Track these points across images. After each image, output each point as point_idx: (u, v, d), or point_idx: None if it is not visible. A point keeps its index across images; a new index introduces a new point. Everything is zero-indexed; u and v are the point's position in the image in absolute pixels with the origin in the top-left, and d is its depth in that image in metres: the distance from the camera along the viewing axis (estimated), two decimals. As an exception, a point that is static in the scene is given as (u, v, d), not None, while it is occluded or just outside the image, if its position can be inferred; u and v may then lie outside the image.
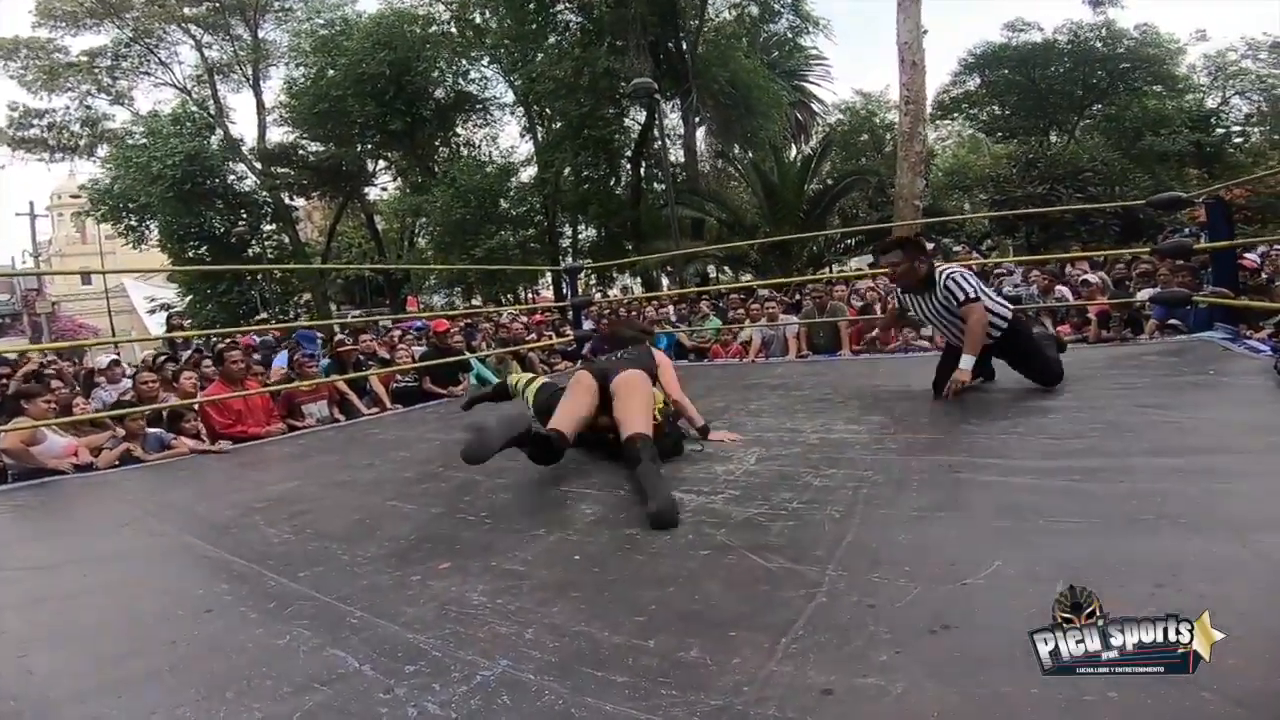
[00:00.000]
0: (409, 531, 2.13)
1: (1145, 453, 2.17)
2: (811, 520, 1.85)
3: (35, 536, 2.83)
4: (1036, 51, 19.52)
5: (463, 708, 1.15)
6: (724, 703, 1.08)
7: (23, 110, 18.64)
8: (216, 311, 18.05)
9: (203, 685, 1.30)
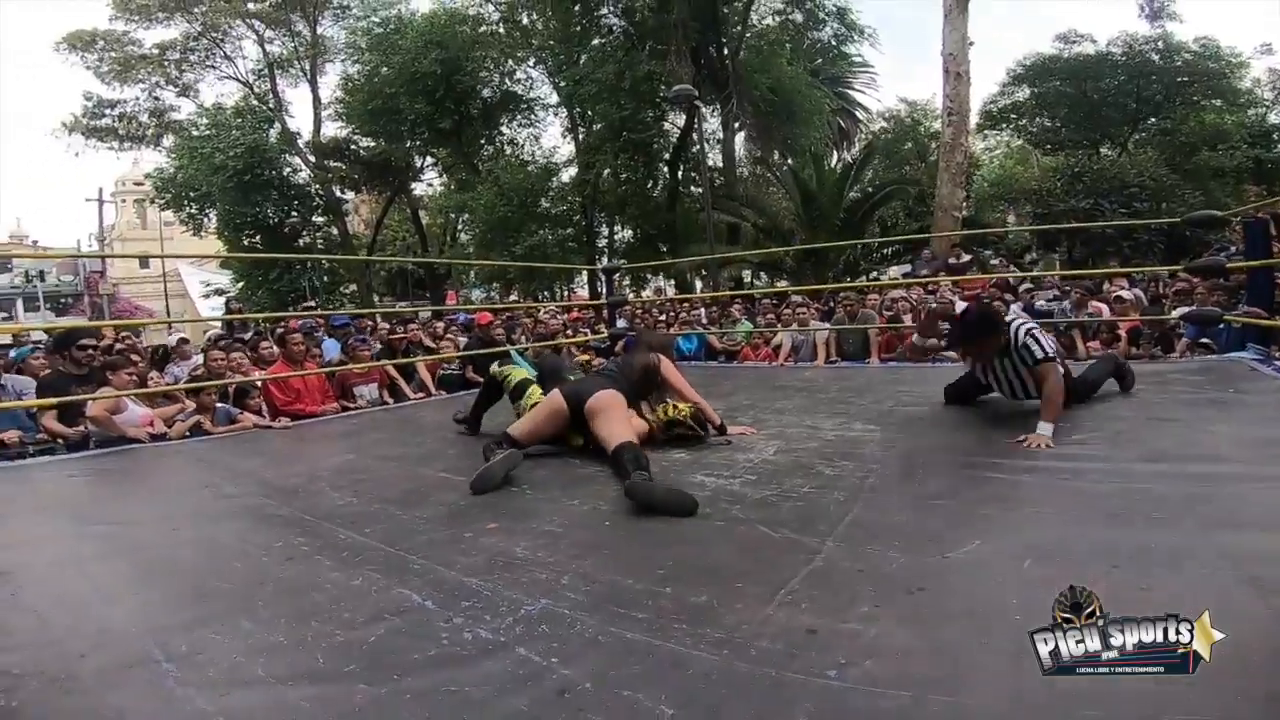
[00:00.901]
0: (458, 499, 2.38)
1: (1142, 459, 2.31)
2: (819, 502, 2.06)
3: (125, 496, 3.11)
4: (1089, 64, 19.14)
5: (510, 633, 1.39)
6: (726, 636, 1.30)
7: (96, 101, 19.52)
8: (267, 298, 18.77)
9: (291, 616, 1.53)
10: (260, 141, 18.19)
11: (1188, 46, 18.52)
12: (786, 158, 17.50)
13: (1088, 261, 14.30)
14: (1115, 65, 18.88)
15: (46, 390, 4.43)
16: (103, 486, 3.28)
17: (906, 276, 11.07)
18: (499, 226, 16.55)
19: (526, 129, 20.09)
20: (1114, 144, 20.13)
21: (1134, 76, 18.69)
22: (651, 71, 15.04)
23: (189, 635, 1.46)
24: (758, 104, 15.89)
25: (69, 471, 3.43)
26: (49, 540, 2.25)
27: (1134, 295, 6.01)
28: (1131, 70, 18.66)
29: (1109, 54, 18.98)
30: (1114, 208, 14.71)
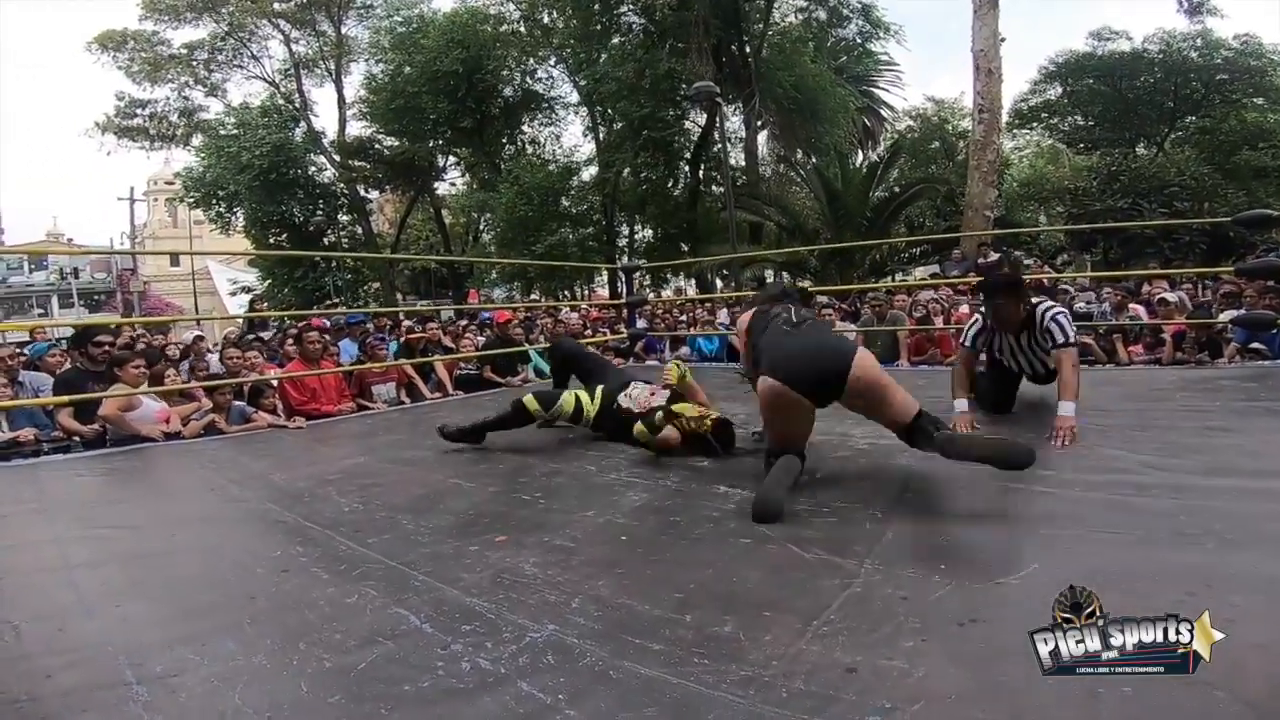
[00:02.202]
0: (469, 507, 2.27)
1: (1201, 472, 2.13)
2: (852, 518, 1.90)
3: (129, 498, 3.04)
4: (1124, 61, 18.61)
5: (512, 664, 1.26)
6: (752, 674, 1.15)
7: (128, 100, 19.81)
8: (292, 295, 18.95)
9: (278, 636, 1.43)
10: (286, 140, 18.35)
11: (1227, 43, 17.93)
12: (810, 156, 17.23)
13: (1124, 263, 13.88)
14: (1152, 63, 18.34)
15: (63, 387, 4.42)
16: (109, 488, 3.24)
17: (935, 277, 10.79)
18: (520, 226, 16.51)
19: (547, 128, 20.09)
20: (1150, 143, 19.57)
21: (1171, 74, 18.13)
22: (672, 69, 14.90)
23: (167, 655, 1.37)
24: (780, 102, 15.67)
25: (78, 471, 3.39)
26: (43, 545, 2.18)
27: (1179, 297, 5.74)
28: (1169, 68, 18.11)
29: (1145, 51, 18.43)
30: (1154, 207, 14.27)
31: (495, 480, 2.65)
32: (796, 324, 2.34)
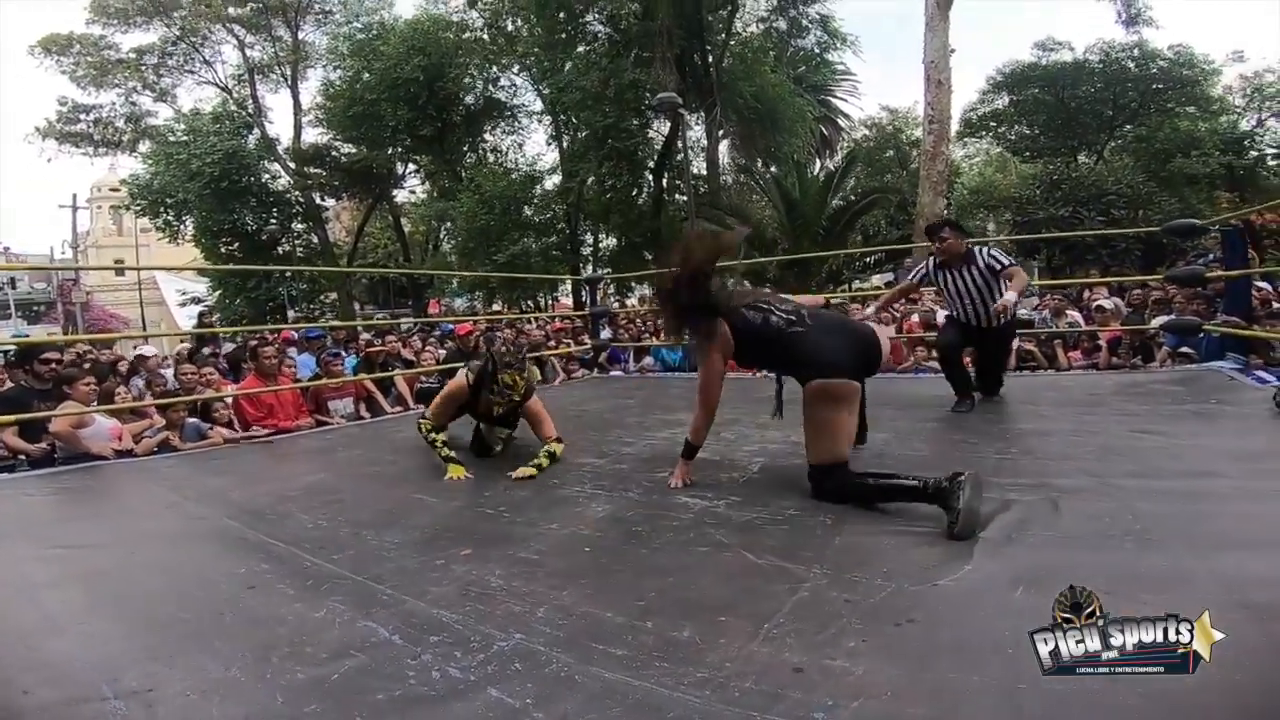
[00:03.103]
0: (433, 521, 2.30)
1: (1131, 475, 2.28)
2: (805, 525, 2.00)
3: (85, 517, 2.98)
4: (1067, 71, 19.40)
5: (480, 672, 1.31)
6: (709, 675, 1.23)
7: (71, 105, 19.16)
8: (245, 306, 18.48)
9: (250, 651, 1.45)
10: (239, 148, 17.91)
11: (1162, 54, 18.80)
12: (770, 166, 17.53)
13: (1066, 269, 14.45)
14: (1092, 73, 19.14)
15: (7, 404, 4.27)
16: (62, 506, 3.16)
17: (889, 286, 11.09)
18: (481, 234, 16.41)
19: (510, 136, 20.02)
20: (1091, 151, 20.41)
21: (1110, 84, 18.96)
22: (636, 79, 15.03)
23: (141, 670, 1.39)
24: (741, 111, 15.91)
25: (27, 490, 3.29)
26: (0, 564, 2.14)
27: (1114, 304, 6.03)
28: (1108, 77, 18.93)
29: (1086, 61, 19.25)
30: (1092, 215, 14.90)
31: (458, 495, 2.68)
32: (800, 319, 2.34)
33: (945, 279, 3.80)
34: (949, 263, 3.77)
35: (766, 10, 18.21)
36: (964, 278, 3.72)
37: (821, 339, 2.27)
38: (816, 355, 2.23)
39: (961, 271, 3.72)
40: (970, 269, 3.69)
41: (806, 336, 2.28)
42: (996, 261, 3.65)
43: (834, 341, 2.27)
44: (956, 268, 3.73)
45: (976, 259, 3.69)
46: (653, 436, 3.52)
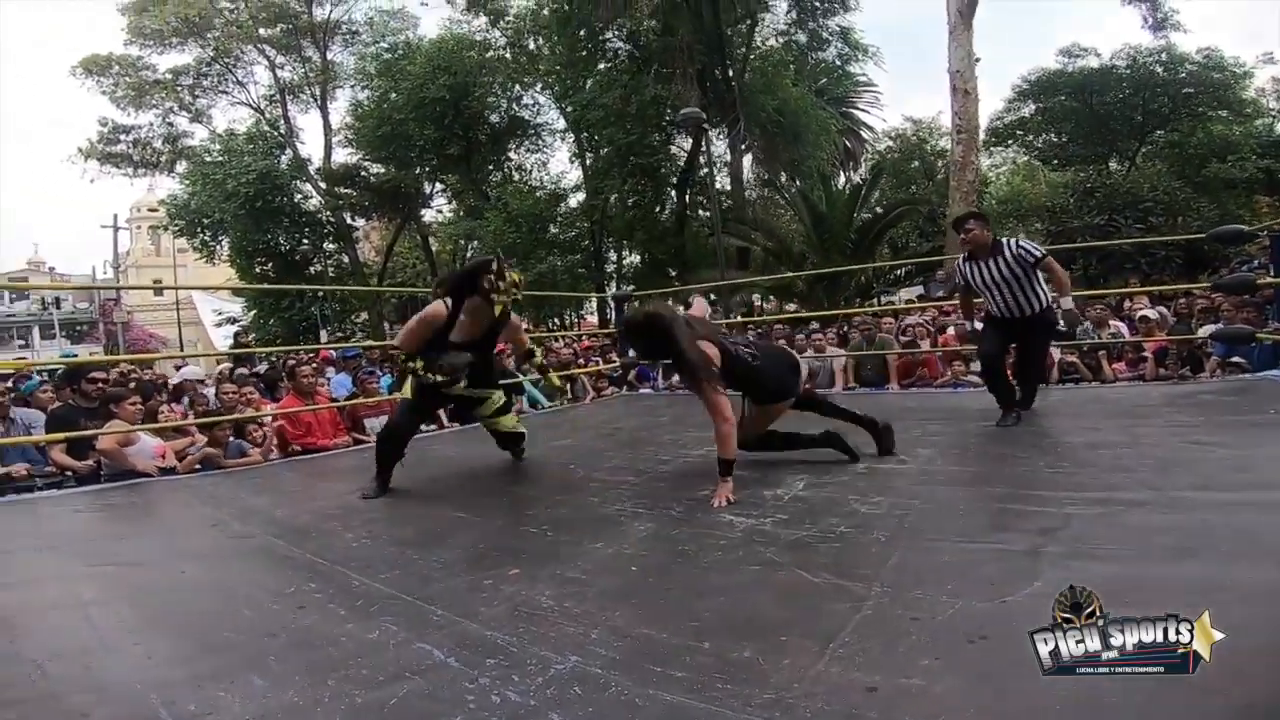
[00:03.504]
0: (477, 539, 2.29)
1: (1193, 487, 2.20)
2: (857, 542, 1.95)
3: (132, 534, 3.03)
4: (1094, 77, 19.14)
5: (540, 696, 1.29)
6: (775, 696, 1.19)
7: (111, 126, 19.80)
8: (279, 326, 18.83)
9: (305, 673, 1.43)
10: (271, 168, 18.32)
11: (1191, 57, 18.48)
12: (794, 180, 17.49)
13: (1103, 279, 14.14)
14: (1120, 78, 18.86)
15: (55, 423, 4.39)
16: (109, 523, 3.22)
17: (920, 299, 10.95)
18: (507, 253, 16.55)
19: (534, 154, 20.25)
20: (1122, 158, 20.06)
21: (1139, 89, 18.65)
22: (657, 95, 15.13)
23: (197, 692, 1.38)
24: (764, 125, 15.91)
25: (76, 506, 3.36)
26: (52, 581, 2.18)
27: (1159, 313, 5.88)
28: (1136, 83, 18.64)
29: (1113, 67, 18.97)
30: (1129, 223, 14.58)
31: (499, 513, 2.67)
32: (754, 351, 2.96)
33: (974, 271, 3.78)
34: (976, 254, 3.76)
35: (786, 24, 18.29)
36: (992, 269, 3.70)
37: (773, 370, 2.96)
38: (772, 385, 2.96)
39: (989, 263, 3.70)
40: (998, 260, 3.68)
41: (765, 369, 2.92)
42: (1028, 253, 3.63)
43: (781, 372, 3.00)
44: (984, 259, 3.72)
45: (1004, 250, 3.68)
46: (688, 454, 3.49)
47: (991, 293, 3.76)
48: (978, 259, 3.75)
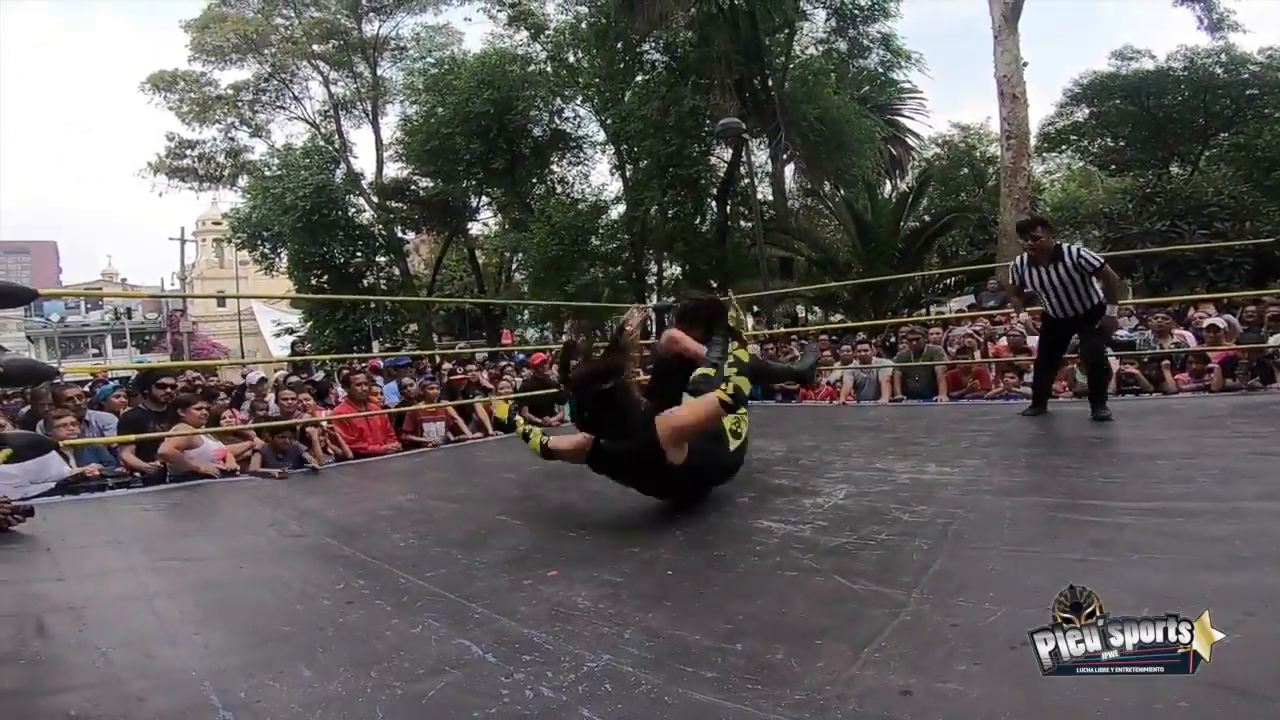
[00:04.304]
0: (519, 542, 2.34)
1: (1258, 497, 2.11)
2: (899, 550, 1.92)
3: (195, 531, 3.17)
4: (1149, 80, 18.39)
5: (573, 692, 1.31)
6: (807, 698, 1.19)
7: (178, 141, 20.83)
8: (333, 337, 19.47)
9: (350, 665, 1.49)
10: (327, 182, 18.96)
11: (1253, 58, 17.62)
12: (838, 188, 17.28)
13: (1166, 287, 13.55)
14: (1178, 81, 18.07)
15: (127, 426, 4.64)
16: (174, 521, 3.38)
17: (972, 308, 10.66)
18: (552, 265, 16.79)
19: (575, 167, 20.49)
20: (1184, 162, 19.20)
21: (1199, 91, 17.83)
22: (696, 106, 15.17)
23: (249, 681, 1.44)
24: (806, 134, 15.78)
25: (143, 505, 3.55)
26: (120, 574, 2.31)
27: (1227, 321, 5.61)
28: (1196, 85, 17.83)
29: (1170, 70, 18.21)
30: (1193, 229, 13.95)
31: (541, 518, 2.72)
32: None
33: (1034, 275, 4.00)
34: (1038, 260, 3.96)
35: (825, 32, 18.13)
36: (1052, 274, 3.91)
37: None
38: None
39: (1050, 268, 3.91)
40: (1058, 265, 3.88)
41: None
42: (1087, 262, 3.83)
43: None
44: (1045, 265, 3.93)
45: (1065, 256, 3.86)
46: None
47: (1049, 295, 3.97)
48: (1039, 264, 3.96)
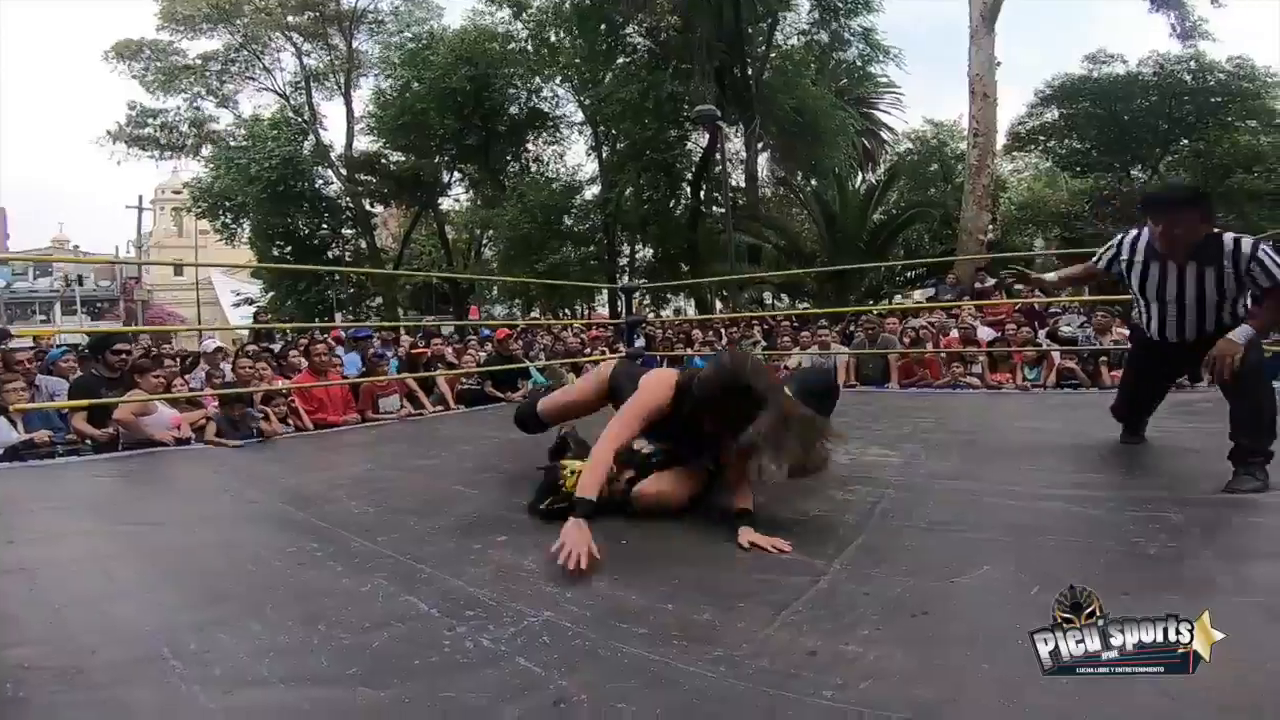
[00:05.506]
0: (472, 511, 2.41)
1: (1164, 488, 2.28)
2: (828, 524, 2.05)
3: (149, 497, 3.17)
4: (1119, 84, 18.87)
5: (512, 643, 1.40)
6: (725, 654, 1.30)
7: (140, 109, 20.07)
8: (295, 308, 19.11)
9: (299, 620, 1.56)
10: (295, 153, 18.58)
11: (1221, 66, 18.17)
12: (810, 179, 17.47)
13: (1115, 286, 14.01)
14: (1146, 86, 18.57)
15: (78, 392, 4.56)
16: (129, 488, 3.36)
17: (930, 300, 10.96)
18: (522, 243, 16.73)
19: (551, 146, 20.37)
20: (1145, 166, 19.81)
21: (1165, 97, 18.37)
22: (675, 91, 15.18)
23: (198, 635, 1.49)
24: (782, 124, 15.90)
25: (95, 472, 3.53)
26: (72, 537, 2.32)
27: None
28: (1163, 91, 18.35)
29: (1139, 74, 18.71)
30: (1145, 232, 14.41)
31: (496, 489, 2.79)
32: None
33: (1154, 275, 2.51)
34: (1172, 253, 2.43)
35: (808, 23, 18.18)
36: (1183, 275, 2.44)
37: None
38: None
39: (1185, 267, 2.42)
40: (1197, 268, 2.38)
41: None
42: (1265, 272, 2.27)
43: None
44: (1181, 261, 2.42)
45: (1223, 252, 2.33)
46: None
47: (1167, 308, 2.53)
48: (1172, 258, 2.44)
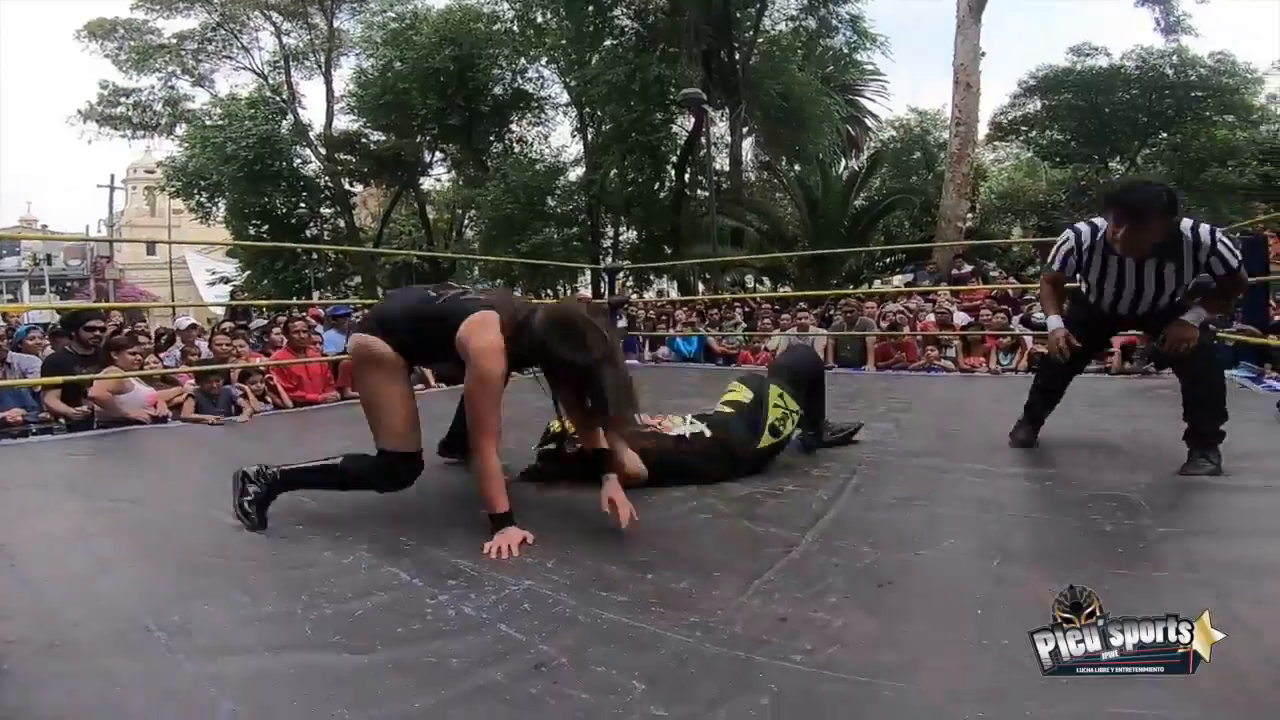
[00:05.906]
0: (456, 487, 2.45)
1: (1125, 469, 2.38)
2: (802, 499, 2.12)
3: (128, 475, 3.15)
4: (1102, 77, 19.04)
5: (494, 611, 1.44)
6: (700, 620, 1.36)
7: (112, 89, 19.56)
8: (272, 287, 18.82)
9: (283, 591, 1.59)
10: (272, 133, 18.14)
11: (1202, 61, 18.40)
12: (794, 164, 17.50)
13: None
14: (1128, 79, 18.77)
15: (51, 369, 4.50)
16: (106, 465, 3.35)
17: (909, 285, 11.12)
18: (505, 223, 16.60)
19: (536, 127, 20.12)
20: (1123, 158, 20.08)
21: (1147, 90, 18.57)
22: (662, 74, 15.08)
23: (182, 606, 1.51)
24: (767, 109, 15.89)
25: (71, 450, 3.51)
26: (51, 514, 2.32)
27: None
28: (1145, 84, 18.54)
29: (1122, 67, 18.90)
30: (1120, 222, 14.65)
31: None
32: None
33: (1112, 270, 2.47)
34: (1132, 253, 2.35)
35: (796, 9, 18.13)
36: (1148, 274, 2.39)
37: None
38: None
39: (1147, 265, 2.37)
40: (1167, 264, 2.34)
41: None
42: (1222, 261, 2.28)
43: None
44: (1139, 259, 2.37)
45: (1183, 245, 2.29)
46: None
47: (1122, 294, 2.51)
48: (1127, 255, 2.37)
